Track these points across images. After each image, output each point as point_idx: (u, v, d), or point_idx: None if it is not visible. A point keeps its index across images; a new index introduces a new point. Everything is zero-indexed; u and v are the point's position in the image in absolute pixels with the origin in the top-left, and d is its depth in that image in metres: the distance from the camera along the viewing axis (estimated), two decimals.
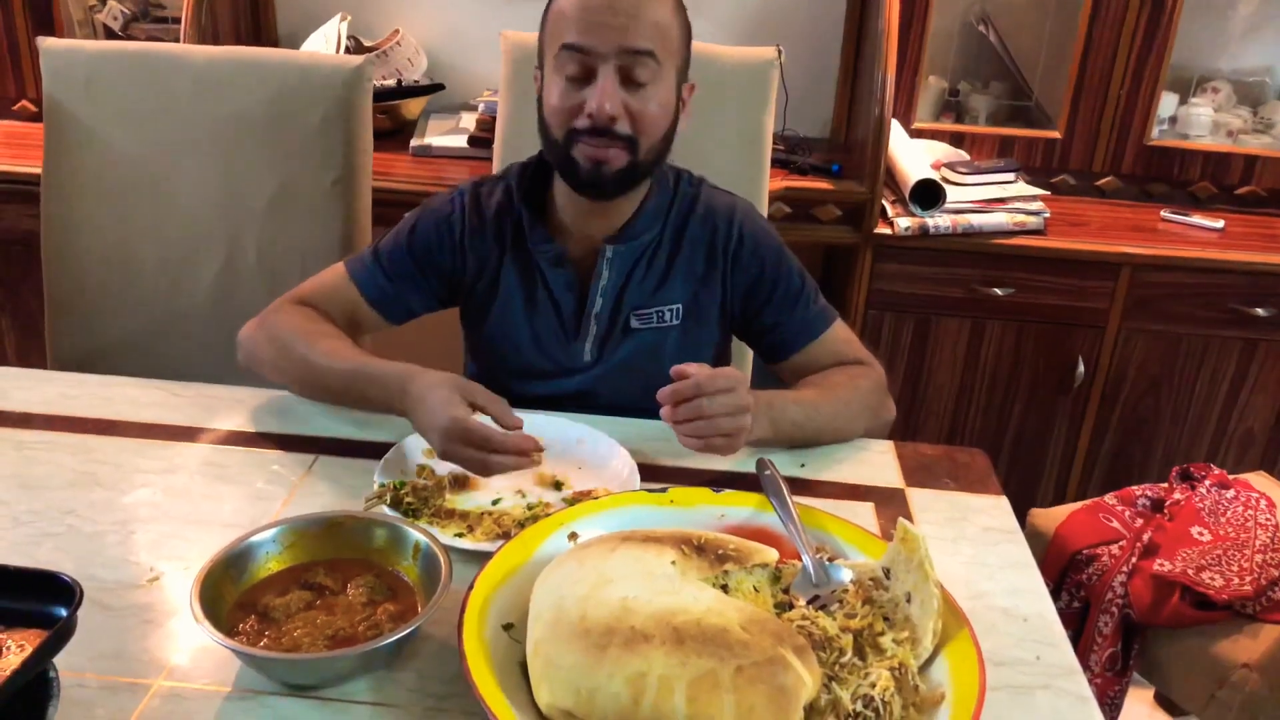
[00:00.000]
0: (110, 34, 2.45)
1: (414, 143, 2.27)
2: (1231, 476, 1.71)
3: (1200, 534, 1.58)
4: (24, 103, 2.40)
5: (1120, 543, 1.61)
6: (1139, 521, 1.65)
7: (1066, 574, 1.64)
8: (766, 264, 1.35)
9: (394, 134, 2.33)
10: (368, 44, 2.46)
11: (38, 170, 1.69)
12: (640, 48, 1.20)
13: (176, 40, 2.26)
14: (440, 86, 2.43)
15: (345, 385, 1.24)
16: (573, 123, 1.22)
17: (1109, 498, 1.72)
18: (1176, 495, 1.66)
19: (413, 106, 2.40)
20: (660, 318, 1.35)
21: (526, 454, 1.10)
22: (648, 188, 1.33)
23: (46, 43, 1.65)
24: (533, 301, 1.36)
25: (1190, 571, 1.50)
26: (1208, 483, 1.68)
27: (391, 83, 2.38)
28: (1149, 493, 1.70)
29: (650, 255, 1.35)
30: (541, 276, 1.34)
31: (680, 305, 1.36)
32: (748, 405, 1.13)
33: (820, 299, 1.38)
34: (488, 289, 1.37)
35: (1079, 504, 1.73)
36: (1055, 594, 1.64)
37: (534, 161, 1.36)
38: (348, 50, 2.36)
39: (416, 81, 2.43)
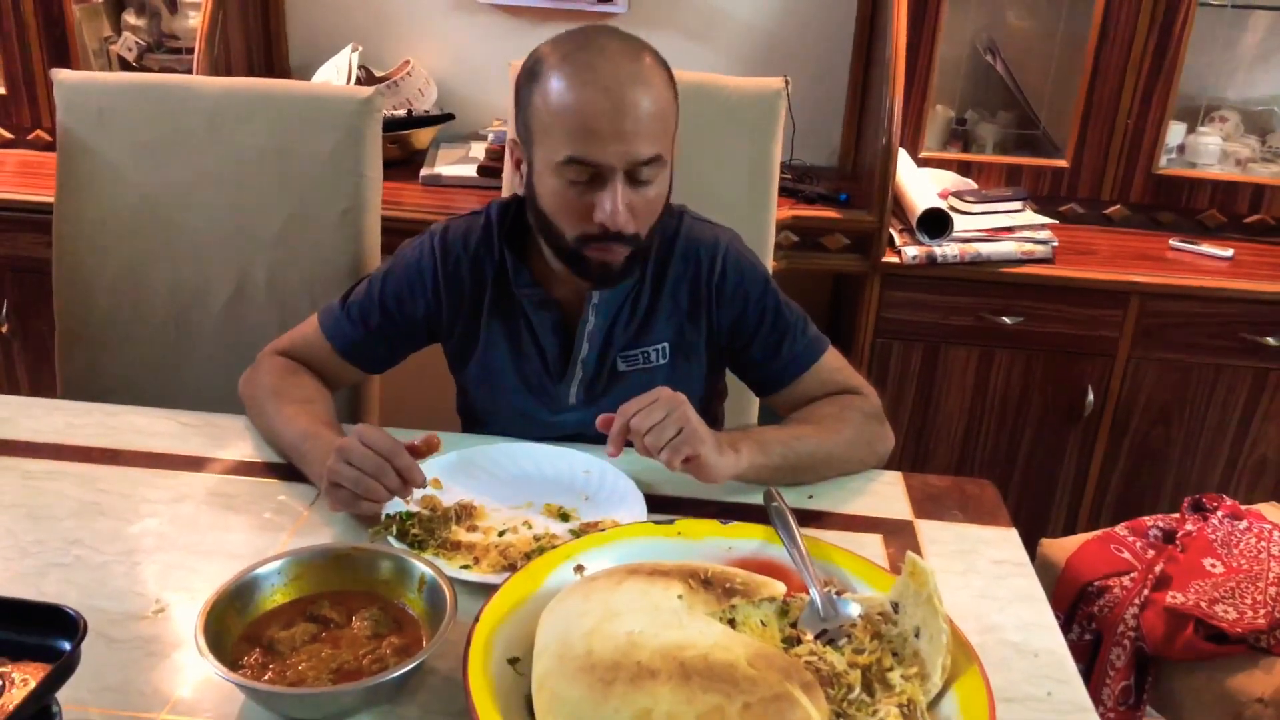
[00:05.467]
0: (125, 64, 2.48)
1: (424, 172, 2.29)
2: (1244, 507, 1.69)
3: (1213, 566, 1.56)
4: (39, 132, 2.43)
5: (1132, 574, 1.60)
6: (1151, 553, 1.64)
7: (1077, 605, 1.63)
8: (751, 298, 1.33)
9: (404, 163, 2.34)
10: (379, 74, 2.48)
11: (50, 199, 1.70)
12: (649, 156, 1.16)
13: (189, 70, 2.29)
14: (450, 116, 2.45)
15: (284, 452, 1.26)
16: (583, 228, 1.19)
17: (1120, 528, 1.71)
18: (1188, 526, 1.65)
19: (423, 136, 2.41)
20: (647, 358, 1.34)
21: (411, 485, 1.09)
22: None
23: (60, 75, 1.67)
24: (517, 343, 1.34)
25: (1203, 604, 1.49)
26: (1220, 513, 1.67)
27: (402, 113, 2.40)
28: (1160, 523, 1.69)
29: (634, 295, 1.33)
30: (526, 319, 1.33)
31: (667, 344, 1.34)
32: (680, 400, 1.12)
33: (810, 329, 1.35)
34: (467, 331, 1.36)
35: (1090, 534, 1.72)
36: (1066, 626, 1.62)
37: (514, 202, 1.33)
38: (359, 81, 2.38)
39: (426, 111, 2.45)
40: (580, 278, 1.26)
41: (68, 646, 0.82)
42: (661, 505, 1.18)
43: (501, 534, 1.13)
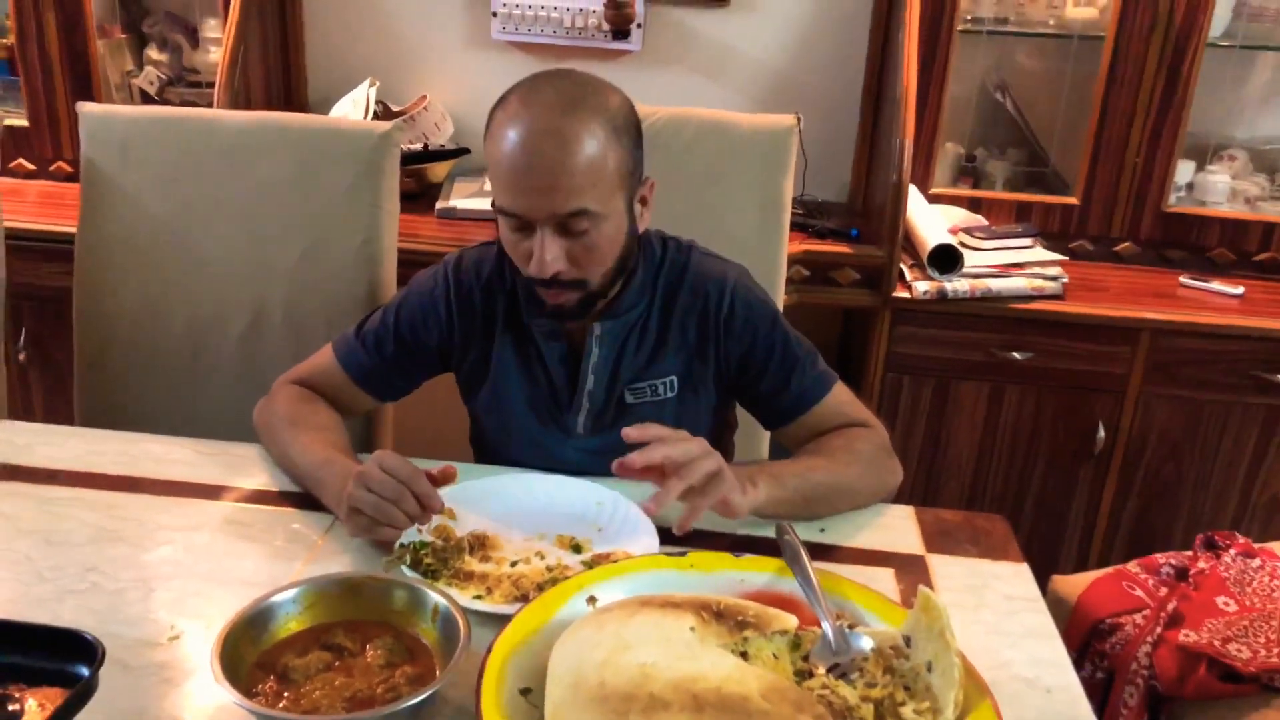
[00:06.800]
0: (146, 98, 2.52)
1: (439, 205, 2.31)
2: (1257, 545, 1.69)
3: (1226, 604, 1.55)
4: (60, 163, 2.46)
5: (1144, 612, 1.59)
6: (1163, 590, 1.63)
7: (1090, 643, 1.62)
8: (760, 332, 1.33)
9: (419, 196, 2.37)
10: (395, 109, 2.51)
11: (71, 229, 1.73)
12: (570, 210, 1.16)
13: (210, 104, 2.32)
14: (465, 151, 2.48)
15: (300, 479, 1.27)
16: (526, 270, 1.22)
17: (1132, 565, 1.70)
18: (1201, 564, 1.64)
19: (438, 170, 2.44)
20: (655, 391, 1.35)
21: (430, 510, 1.10)
22: (633, 264, 1.31)
23: (85, 108, 1.70)
24: (528, 371, 1.36)
25: (1216, 643, 1.48)
26: (1233, 551, 1.66)
27: (418, 147, 2.43)
28: (1173, 561, 1.68)
29: (640, 328, 1.34)
30: (536, 348, 1.35)
31: (675, 377, 1.34)
32: (705, 446, 1.11)
33: (819, 364, 1.35)
34: (480, 360, 1.37)
35: (1101, 571, 1.71)
36: (1078, 663, 1.61)
37: None
38: (376, 115, 2.41)
39: (442, 146, 2.48)
40: (539, 314, 1.29)
41: (85, 672, 0.83)
42: (674, 537, 1.18)
43: (514, 564, 1.14)
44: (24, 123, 2.45)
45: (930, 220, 2.22)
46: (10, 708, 0.82)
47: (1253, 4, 2.29)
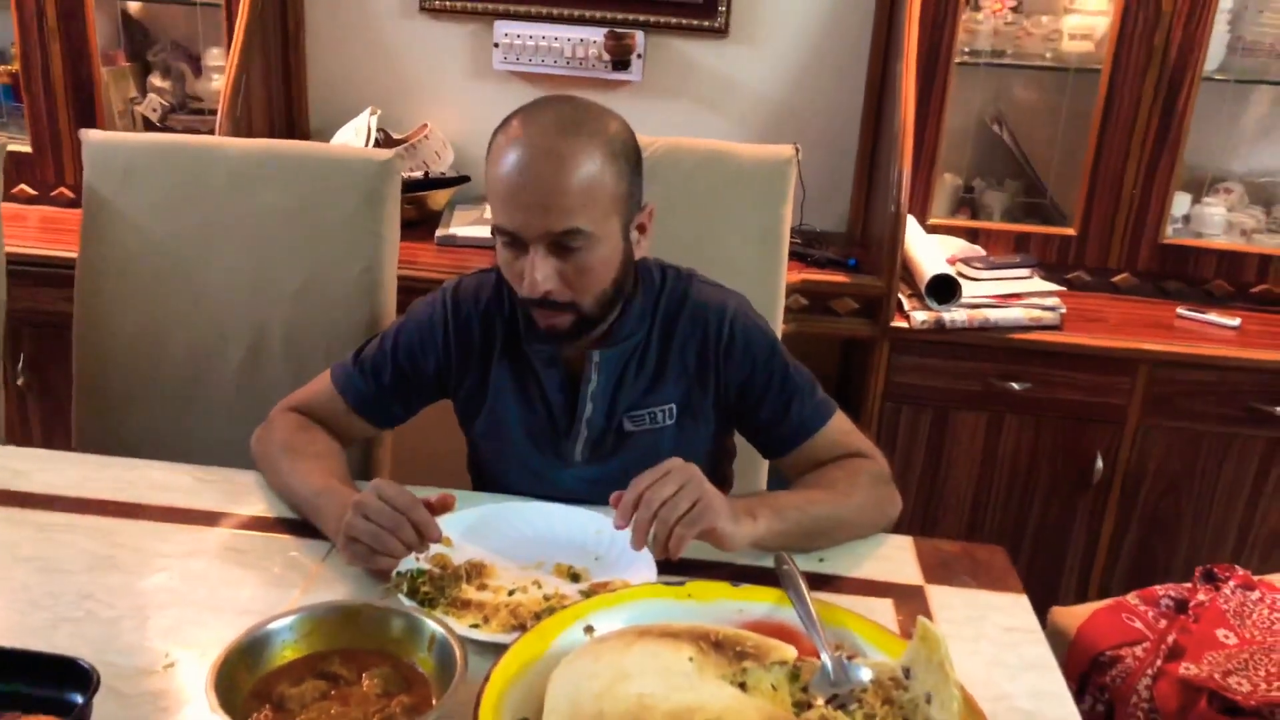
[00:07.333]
0: (149, 125, 2.54)
1: (439, 232, 2.32)
2: (1256, 577, 1.68)
3: (1226, 637, 1.55)
4: (62, 189, 2.47)
5: (1144, 644, 1.59)
6: (1163, 622, 1.62)
7: (1090, 675, 1.61)
8: (759, 361, 1.33)
9: (420, 223, 2.38)
10: (396, 137, 2.53)
11: (71, 255, 1.73)
12: (563, 229, 1.17)
13: (212, 131, 2.34)
14: (466, 179, 2.49)
15: (298, 507, 1.27)
16: (520, 291, 1.23)
17: (1131, 597, 1.70)
18: (1201, 596, 1.64)
19: (439, 197, 2.45)
20: (654, 418, 1.35)
21: (428, 539, 1.10)
22: (630, 291, 1.32)
23: (89, 135, 1.71)
24: (526, 398, 1.36)
25: (1217, 675, 1.47)
26: (1232, 584, 1.65)
27: (419, 175, 2.44)
28: (1172, 593, 1.68)
29: (640, 356, 1.34)
30: (535, 375, 1.35)
31: (674, 405, 1.34)
32: (692, 472, 1.12)
33: (818, 393, 1.36)
34: (478, 386, 1.38)
35: (1101, 603, 1.71)
36: (1078, 696, 1.60)
37: None
38: (377, 143, 2.43)
39: (443, 174, 2.49)
40: (533, 336, 1.29)
41: (80, 699, 0.83)
42: (672, 567, 1.17)
43: (511, 593, 1.13)
44: (27, 148, 2.46)
45: (928, 250, 2.23)
46: None
47: (1248, 38, 2.31)
